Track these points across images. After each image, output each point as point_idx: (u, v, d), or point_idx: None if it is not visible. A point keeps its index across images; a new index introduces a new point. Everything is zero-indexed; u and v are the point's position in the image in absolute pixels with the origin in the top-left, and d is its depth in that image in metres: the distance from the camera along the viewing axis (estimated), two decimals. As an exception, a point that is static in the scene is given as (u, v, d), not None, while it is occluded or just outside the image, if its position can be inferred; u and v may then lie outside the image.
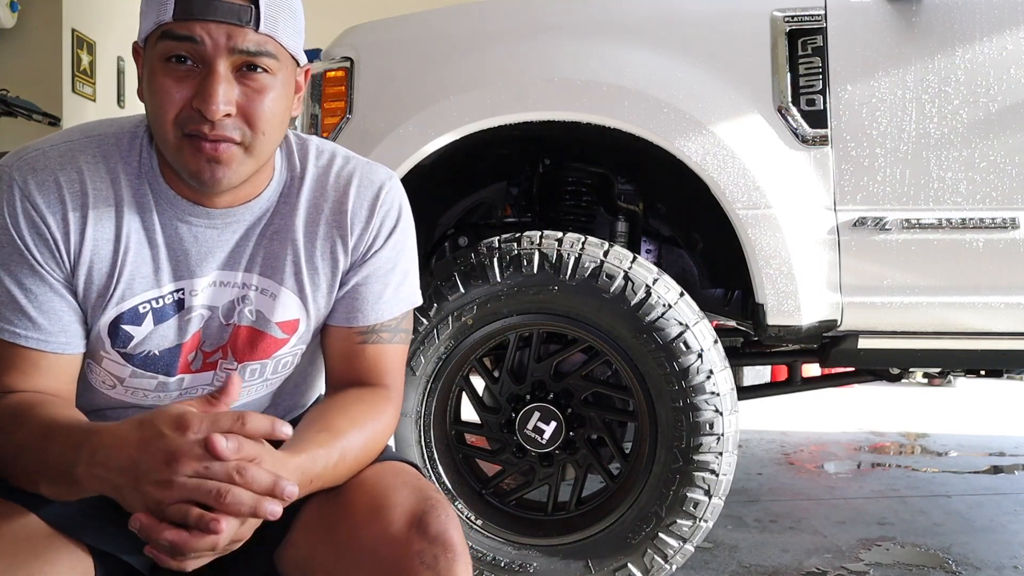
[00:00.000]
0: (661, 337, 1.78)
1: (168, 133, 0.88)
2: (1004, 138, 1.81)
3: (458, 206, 2.32)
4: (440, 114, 1.90)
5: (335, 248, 1.03)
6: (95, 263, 0.94)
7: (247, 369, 1.04)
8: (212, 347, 1.02)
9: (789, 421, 4.43)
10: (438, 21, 2.06)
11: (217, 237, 0.98)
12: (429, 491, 0.94)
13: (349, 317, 1.05)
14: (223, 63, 0.86)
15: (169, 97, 0.87)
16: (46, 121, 4.71)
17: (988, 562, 2.28)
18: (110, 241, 0.94)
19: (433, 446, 1.94)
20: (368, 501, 0.93)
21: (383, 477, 0.97)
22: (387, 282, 1.06)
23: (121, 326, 0.97)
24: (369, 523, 0.91)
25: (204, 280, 0.98)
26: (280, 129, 0.93)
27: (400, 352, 1.09)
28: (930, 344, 1.89)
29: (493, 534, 1.92)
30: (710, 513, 1.82)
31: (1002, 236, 1.82)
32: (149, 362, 0.99)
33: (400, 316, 1.08)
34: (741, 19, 1.88)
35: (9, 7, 5.05)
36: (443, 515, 0.89)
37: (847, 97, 1.83)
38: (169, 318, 0.98)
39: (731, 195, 1.82)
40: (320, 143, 1.09)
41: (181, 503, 0.76)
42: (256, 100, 0.88)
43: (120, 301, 0.96)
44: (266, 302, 1.02)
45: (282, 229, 1.02)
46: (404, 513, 0.90)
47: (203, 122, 0.86)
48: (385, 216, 1.06)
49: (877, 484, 3.16)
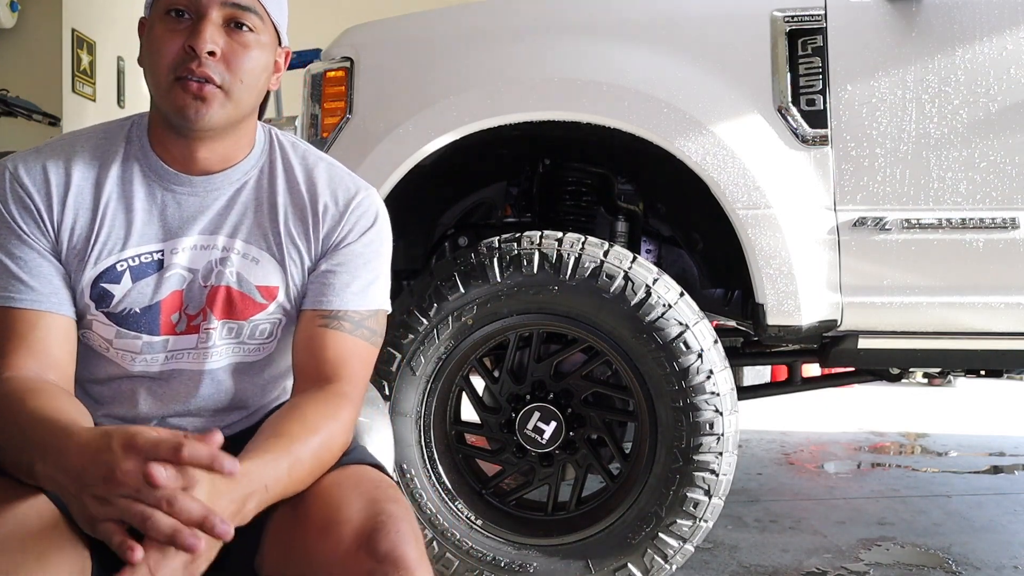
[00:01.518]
0: (661, 337, 1.78)
1: (162, 77, 1.00)
2: (1004, 138, 1.81)
3: (458, 206, 2.32)
4: (440, 114, 1.90)
5: (307, 228, 1.10)
6: (76, 229, 1.04)
7: (224, 327, 1.08)
8: (195, 310, 1.07)
9: (789, 421, 4.43)
10: (438, 21, 2.07)
11: (199, 204, 1.07)
12: (383, 503, 0.92)
13: (315, 301, 1.10)
14: (215, 11, 0.99)
15: (165, 44, 0.99)
16: (46, 121, 4.71)
17: (988, 562, 2.28)
18: (89, 209, 1.05)
19: (433, 446, 1.94)
20: (320, 515, 0.92)
21: (339, 488, 0.96)
22: (356, 276, 1.10)
23: (101, 284, 1.04)
24: (320, 540, 0.90)
25: (185, 241, 1.06)
26: (257, 86, 1.04)
27: (362, 349, 1.10)
28: (930, 344, 1.89)
29: (493, 534, 1.92)
30: (710, 513, 1.82)
31: (1002, 236, 1.82)
32: (131, 320, 1.05)
33: (365, 312, 1.10)
34: (741, 19, 1.88)
35: (9, 7, 5.05)
36: (393, 532, 0.87)
37: (847, 97, 1.83)
38: (148, 276, 1.06)
39: (731, 195, 1.82)
40: (299, 140, 1.18)
41: (110, 522, 0.77)
42: (240, 52, 1.01)
43: (98, 260, 1.04)
44: (248, 266, 1.08)
45: (265, 202, 1.10)
46: (353, 531, 0.88)
47: (192, 59, 0.98)
48: (361, 215, 1.11)
49: (877, 484, 3.16)
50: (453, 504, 1.93)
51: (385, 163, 1.92)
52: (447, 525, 1.90)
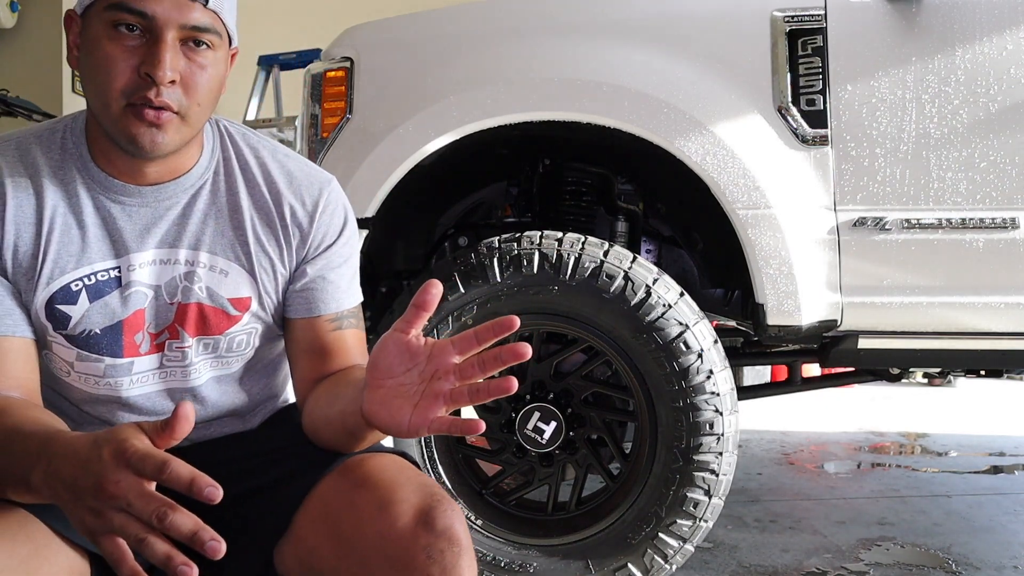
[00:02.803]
0: (661, 337, 1.78)
1: (111, 100, 0.92)
2: (1004, 138, 1.81)
3: (458, 206, 2.32)
4: (440, 114, 1.90)
5: (278, 236, 1.07)
6: (19, 247, 0.97)
7: (200, 343, 1.05)
8: (159, 328, 1.03)
9: (789, 421, 4.43)
10: (438, 21, 2.07)
11: (151, 215, 1.01)
12: (433, 487, 0.95)
13: (312, 307, 1.09)
14: (171, 34, 0.90)
15: (116, 66, 0.90)
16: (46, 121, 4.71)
17: (988, 562, 2.28)
18: (31, 224, 0.98)
19: (433, 446, 1.94)
20: (374, 497, 0.94)
21: (387, 472, 0.98)
22: (343, 274, 1.11)
23: (56, 306, 0.99)
24: (375, 518, 0.92)
25: (142, 256, 1.01)
26: (212, 103, 0.98)
27: (362, 337, 1.15)
28: (930, 344, 1.89)
29: (493, 534, 1.92)
30: (710, 513, 1.82)
31: (1002, 236, 1.82)
32: (92, 342, 1.01)
33: (357, 305, 1.14)
34: (741, 19, 1.88)
35: (9, 7, 5.05)
36: (449, 511, 0.91)
37: (847, 97, 1.83)
38: (106, 295, 1.00)
39: (731, 195, 1.82)
40: (247, 130, 1.13)
41: (109, 536, 0.74)
42: (198, 74, 0.93)
43: (49, 281, 0.98)
44: (216, 279, 1.04)
45: (226, 208, 1.05)
46: (411, 508, 0.91)
47: (149, 88, 0.90)
48: (332, 214, 1.10)
49: (877, 484, 3.16)
50: (453, 504, 1.93)
51: (385, 163, 1.92)
52: (447, 525, 1.90)
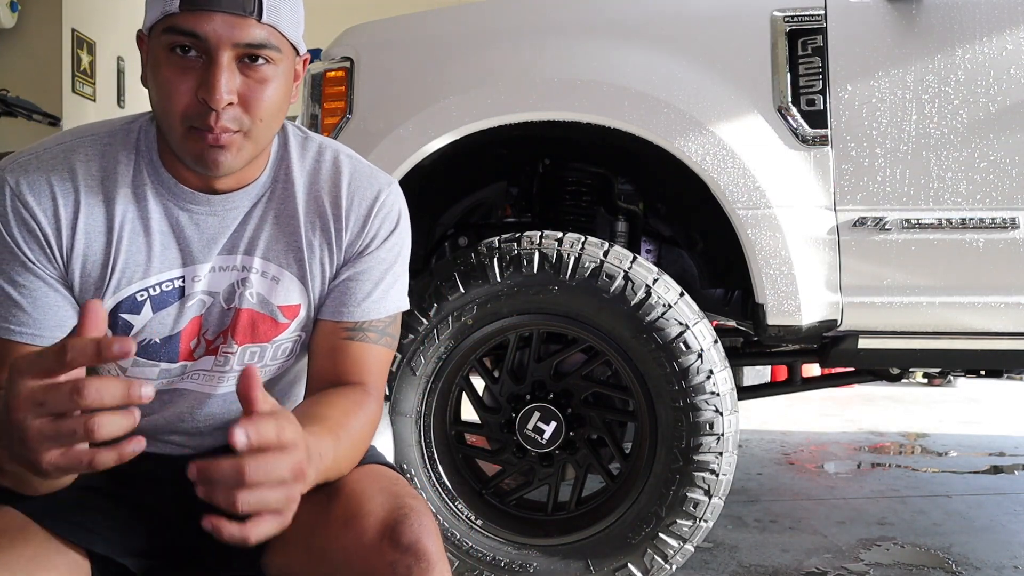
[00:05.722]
0: (661, 337, 1.78)
1: (175, 123, 0.89)
2: (1004, 138, 1.81)
3: (458, 206, 2.32)
4: (440, 114, 1.90)
5: (331, 238, 1.04)
6: (89, 255, 0.95)
7: (246, 352, 1.03)
8: (214, 334, 1.02)
9: (789, 421, 4.43)
10: (438, 21, 2.07)
11: (218, 224, 0.99)
12: (404, 498, 0.92)
13: (336, 312, 1.05)
14: (226, 54, 0.87)
15: (175, 90, 0.88)
16: (46, 121, 4.70)
17: (988, 562, 2.28)
18: (102, 233, 0.95)
19: (433, 446, 1.94)
20: (343, 508, 0.92)
21: (360, 483, 0.95)
22: (378, 282, 1.06)
23: (120, 315, 0.97)
24: (343, 532, 0.90)
25: (206, 266, 0.99)
26: (278, 117, 0.95)
27: (384, 356, 1.08)
28: (930, 344, 1.89)
29: (493, 534, 1.92)
30: (710, 513, 1.82)
31: (1002, 236, 1.82)
32: (150, 350, 0.99)
33: (387, 319, 1.08)
34: (741, 19, 1.88)
35: (9, 7, 5.05)
36: (416, 524, 0.87)
37: (847, 97, 1.83)
38: (169, 305, 0.98)
39: (731, 195, 1.82)
40: (308, 132, 1.10)
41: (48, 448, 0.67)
42: (257, 90, 0.90)
43: (117, 290, 0.96)
44: (268, 285, 1.02)
45: (283, 214, 1.02)
46: (377, 522, 0.88)
47: (208, 114, 0.87)
48: (385, 217, 1.06)
49: (877, 484, 3.16)
50: (453, 504, 1.93)
51: (385, 163, 1.91)
52: (447, 525, 1.90)
